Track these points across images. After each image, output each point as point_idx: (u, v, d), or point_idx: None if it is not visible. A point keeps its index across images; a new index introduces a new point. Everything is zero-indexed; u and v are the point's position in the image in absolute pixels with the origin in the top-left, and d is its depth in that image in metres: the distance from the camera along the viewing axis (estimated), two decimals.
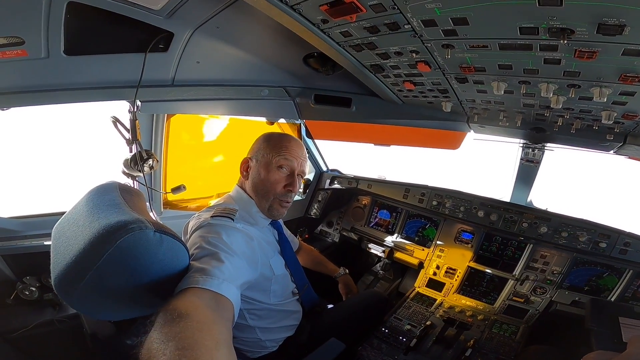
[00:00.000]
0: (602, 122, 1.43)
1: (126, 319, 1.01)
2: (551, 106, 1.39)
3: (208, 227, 1.32)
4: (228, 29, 1.57)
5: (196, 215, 1.49)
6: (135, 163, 1.71)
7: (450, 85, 1.52)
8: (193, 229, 1.37)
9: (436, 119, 2.00)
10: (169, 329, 0.76)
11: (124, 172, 1.79)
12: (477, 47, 1.11)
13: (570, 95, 1.30)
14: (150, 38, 1.54)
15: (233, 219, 1.40)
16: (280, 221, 1.80)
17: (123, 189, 1.24)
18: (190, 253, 1.18)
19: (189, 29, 1.55)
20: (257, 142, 1.64)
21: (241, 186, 1.63)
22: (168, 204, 2.47)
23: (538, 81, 1.28)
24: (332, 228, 3.17)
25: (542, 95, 1.30)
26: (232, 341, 0.86)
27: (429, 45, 1.17)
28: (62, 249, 0.96)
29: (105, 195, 1.14)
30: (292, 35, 1.30)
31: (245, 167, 1.60)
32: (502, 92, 1.37)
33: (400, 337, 1.90)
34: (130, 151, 1.79)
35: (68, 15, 1.32)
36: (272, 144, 1.58)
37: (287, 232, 2.04)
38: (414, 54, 1.26)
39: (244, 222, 1.49)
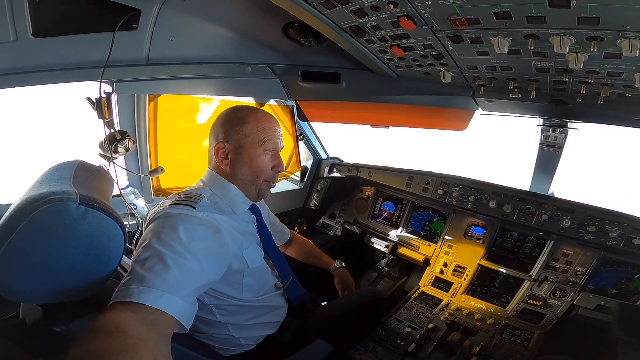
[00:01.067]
0: (637, 87, 1.16)
1: (50, 303, 0.90)
2: (570, 67, 1.13)
3: (164, 220, 1.15)
4: (196, 2, 1.47)
5: (160, 202, 1.36)
6: (109, 144, 1.64)
7: (445, 48, 1.29)
8: (150, 218, 1.23)
9: (437, 93, 1.78)
10: (94, 346, 0.66)
11: (100, 154, 1.72)
12: None
13: (592, 51, 1.04)
14: (120, 17, 1.47)
15: (195, 207, 1.24)
16: (260, 207, 1.63)
17: (83, 166, 1.14)
18: (137, 252, 1.06)
19: (155, 4, 1.45)
20: (226, 121, 1.44)
21: (215, 170, 1.47)
22: (160, 191, 2.40)
23: (548, 34, 1.04)
24: (335, 221, 3.01)
25: (556, 52, 1.06)
26: (171, 356, 0.78)
27: None
28: None
29: (58, 171, 1.05)
30: (264, 3, 1.18)
31: (223, 153, 1.42)
32: (506, 51, 1.13)
33: (398, 341, 1.74)
34: (106, 132, 1.72)
35: None
36: (252, 125, 1.40)
37: (275, 221, 1.90)
38: (391, 6, 1.06)
39: (213, 209, 1.33)
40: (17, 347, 1.70)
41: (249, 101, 2.35)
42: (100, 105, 1.52)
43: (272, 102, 2.48)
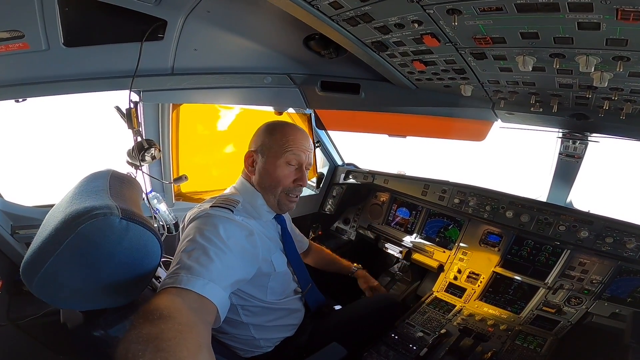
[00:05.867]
0: None
1: (92, 309, 0.96)
2: (594, 85, 1.14)
3: (205, 218, 1.27)
4: (220, 13, 1.50)
5: (198, 204, 1.46)
6: (137, 152, 1.70)
7: (467, 63, 1.31)
8: (191, 217, 1.34)
9: (456, 105, 1.78)
10: (148, 330, 0.73)
11: (127, 162, 1.79)
12: (490, 10, 0.91)
13: (617, 71, 1.05)
14: (146, 27, 1.52)
15: (233, 211, 1.35)
16: (285, 217, 1.71)
17: (115, 176, 1.22)
18: (182, 245, 1.17)
19: (180, 15, 1.50)
20: (259, 133, 1.55)
21: (246, 178, 1.57)
22: (181, 196, 2.47)
23: (574, 53, 1.05)
24: (349, 225, 3.03)
25: (581, 71, 1.07)
26: (211, 344, 0.83)
27: (431, 11, 0.99)
28: (39, 235, 0.95)
29: (94, 182, 1.12)
30: (287, 16, 1.20)
31: (250, 161, 1.53)
32: (530, 69, 1.15)
33: (411, 345, 1.75)
34: (135, 141, 1.78)
35: (66, 8, 1.33)
36: (278, 137, 1.48)
37: (295, 231, 1.96)
38: (416, 25, 1.08)
39: (246, 214, 1.43)
40: (37, 343, 1.77)
41: (269, 110, 2.39)
42: (130, 115, 1.57)
43: (290, 110, 2.51)
